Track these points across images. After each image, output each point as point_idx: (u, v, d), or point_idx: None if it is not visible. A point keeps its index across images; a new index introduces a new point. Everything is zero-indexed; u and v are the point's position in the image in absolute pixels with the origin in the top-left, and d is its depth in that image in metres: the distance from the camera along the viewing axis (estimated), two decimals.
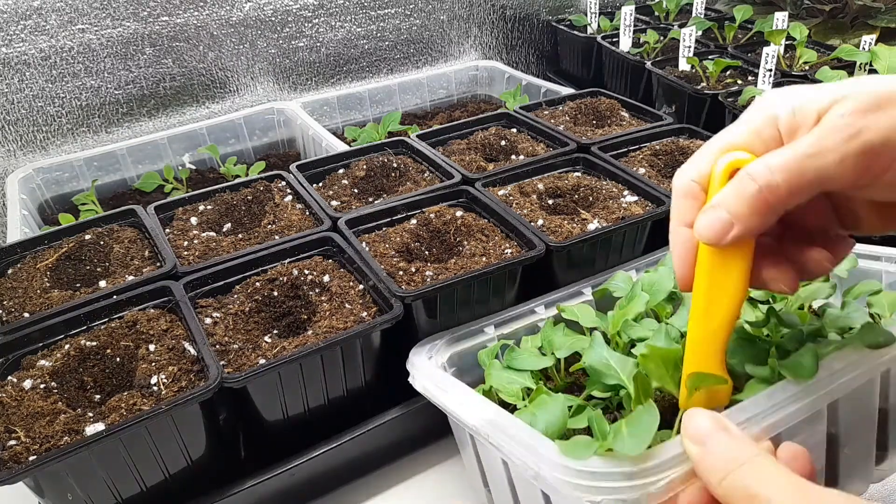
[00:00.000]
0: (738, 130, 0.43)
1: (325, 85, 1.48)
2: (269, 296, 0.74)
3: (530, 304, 0.73)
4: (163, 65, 1.28)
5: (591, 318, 0.66)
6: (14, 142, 1.20)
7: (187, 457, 0.64)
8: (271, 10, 1.34)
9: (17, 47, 1.14)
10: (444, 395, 0.59)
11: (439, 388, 0.60)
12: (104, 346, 0.67)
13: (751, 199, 0.40)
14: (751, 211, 0.40)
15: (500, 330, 0.71)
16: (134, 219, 0.88)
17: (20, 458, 0.55)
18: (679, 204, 0.45)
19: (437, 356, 0.67)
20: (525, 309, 0.73)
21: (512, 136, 1.06)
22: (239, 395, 0.65)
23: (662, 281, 0.65)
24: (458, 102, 1.56)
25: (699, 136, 1.02)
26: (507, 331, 0.71)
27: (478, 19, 1.62)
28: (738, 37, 1.52)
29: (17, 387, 0.63)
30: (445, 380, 0.61)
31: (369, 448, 0.72)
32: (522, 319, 0.72)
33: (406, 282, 0.73)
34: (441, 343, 0.69)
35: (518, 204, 0.86)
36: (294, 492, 0.69)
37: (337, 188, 0.94)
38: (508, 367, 0.61)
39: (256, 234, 0.84)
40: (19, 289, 0.76)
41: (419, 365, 0.65)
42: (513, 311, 0.73)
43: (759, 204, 0.39)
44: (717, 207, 0.41)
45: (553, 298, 0.74)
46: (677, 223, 0.45)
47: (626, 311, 0.62)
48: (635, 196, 0.88)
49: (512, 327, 0.71)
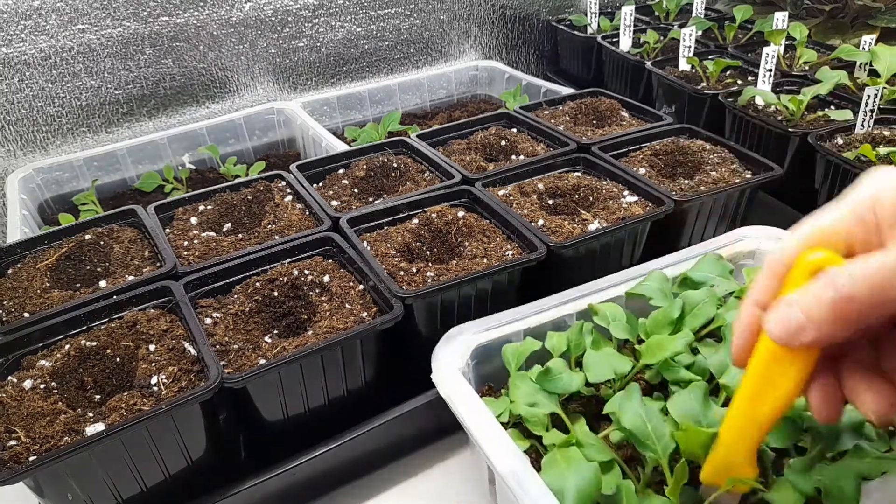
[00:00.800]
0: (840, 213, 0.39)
1: (325, 85, 1.48)
2: (269, 296, 0.74)
3: (557, 297, 0.70)
4: (163, 65, 1.28)
5: (622, 326, 0.65)
6: (14, 142, 1.20)
7: (187, 457, 0.64)
8: (271, 10, 1.34)
9: (18, 47, 1.14)
10: (470, 421, 0.56)
11: (464, 408, 0.58)
12: (104, 346, 0.67)
13: (829, 307, 0.36)
14: (829, 319, 0.36)
15: (527, 323, 0.68)
16: (134, 219, 0.88)
17: (20, 459, 0.55)
18: (764, 281, 0.41)
19: (461, 355, 0.64)
20: (552, 303, 0.70)
21: (512, 136, 1.06)
22: (239, 395, 0.65)
23: (704, 308, 0.64)
24: (458, 102, 1.56)
25: (699, 136, 1.02)
26: (533, 324, 0.68)
27: (478, 19, 1.61)
28: (738, 37, 1.52)
29: (17, 387, 0.63)
30: (471, 398, 0.58)
31: (370, 448, 0.72)
32: (549, 313, 0.69)
33: (407, 282, 0.73)
34: (465, 337, 0.66)
35: (518, 204, 0.86)
36: (294, 492, 0.69)
37: (337, 188, 0.94)
38: (538, 385, 0.60)
39: (256, 234, 0.84)
40: (19, 289, 0.76)
41: (444, 364, 0.62)
42: (539, 304, 0.70)
43: (838, 313, 0.35)
44: (793, 306, 0.37)
45: (581, 293, 0.71)
46: (753, 301, 0.42)
47: (664, 345, 0.60)
48: (635, 196, 0.88)
49: (539, 320, 0.68)
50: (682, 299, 0.65)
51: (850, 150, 0.98)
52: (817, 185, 1.01)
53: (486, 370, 0.67)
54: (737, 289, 0.69)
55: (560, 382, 0.60)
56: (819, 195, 1.01)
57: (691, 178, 0.93)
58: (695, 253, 0.76)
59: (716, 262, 0.71)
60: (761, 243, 0.78)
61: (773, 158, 0.94)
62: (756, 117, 1.09)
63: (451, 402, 0.59)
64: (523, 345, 0.64)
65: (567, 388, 0.59)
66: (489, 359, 0.67)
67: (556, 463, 0.52)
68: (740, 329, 0.42)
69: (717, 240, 0.79)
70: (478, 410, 0.57)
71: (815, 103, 1.15)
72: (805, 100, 1.08)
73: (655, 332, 0.64)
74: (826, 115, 1.09)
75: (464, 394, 0.58)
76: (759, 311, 0.41)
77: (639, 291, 0.69)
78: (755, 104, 1.14)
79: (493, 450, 0.53)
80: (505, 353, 0.64)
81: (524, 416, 0.58)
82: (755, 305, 0.42)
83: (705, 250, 0.75)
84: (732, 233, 0.79)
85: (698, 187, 0.89)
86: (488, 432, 0.55)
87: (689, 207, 0.87)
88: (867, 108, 1.01)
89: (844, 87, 1.18)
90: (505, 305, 0.77)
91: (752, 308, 0.42)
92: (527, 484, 0.50)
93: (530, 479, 0.50)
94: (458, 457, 0.75)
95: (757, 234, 0.79)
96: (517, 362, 0.62)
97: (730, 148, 0.98)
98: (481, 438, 0.54)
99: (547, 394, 0.59)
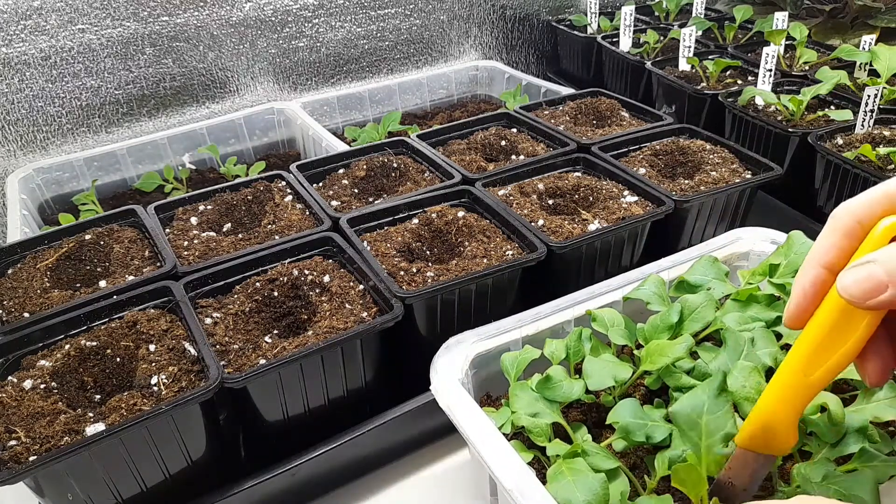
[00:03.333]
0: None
1: (325, 85, 1.48)
2: (269, 296, 0.74)
3: (555, 304, 0.70)
4: (163, 65, 1.28)
5: (621, 332, 0.64)
6: (14, 142, 1.20)
7: (187, 457, 0.64)
8: (271, 10, 1.34)
9: (18, 47, 1.14)
10: (473, 435, 0.56)
11: (466, 421, 0.57)
12: (104, 346, 0.67)
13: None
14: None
15: (525, 330, 0.68)
16: (134, 219, 0.88)
17: (20, 459, 0.55)
18: (830, 240, 0.40)
19: (460, 366, 0.63)
20: (550, 309, 0.70)
21: (512, 136, 1.06)
22: (239, 395, 0.65)
23: (703, 312, 0.64)
24: (458, 102, 1.56)
25: (699, 136, 1.02)
26: (531, 332, 0.68)
27: (478, 19, 1.61)
28: (738, 37, 1.52)
29: (17, 387, 0.63)
30: (472, 410, 0.58)
31: (369, 448, 0.72)
32: (547, 320, 0.69)
33: (407, 282, 0.73)
34: (464, 347, 0.65)
35: (518, 204, 0.86)
36: (294, 492, 0.69)
37: (337, 188, 0.94)
38: (538, 393, 0.59)
39: (256, 234, 0.84)
40: (19, 289, 0.76)
41: (443, 376, 0.62)
42: (537, 311, 0.70)
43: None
44: (875, 263, 0.37)
45: (579, 299, 0.71)
46: (818, 262, 0.41)
47: (664, 351, 0.60)
48: (635, 196, 0.88)
49: (537, 327, 0.68)
50: (680, 303, 0.65)
51: (850, 150, 0.98)
52: (817, 185, 1.01)
53: (485, 378, 0.67)
54: (733, 291, 0.69)
55: (560, 390, 0.59)
56: (819, 195, 1.01)
57: (691, 178, 0.93)
58: (691, 255, 0.76)
59: (712, 265, 0.71)
60: (756, 245, 0.78)
61: (773, 158, 0.94)
62: (756, 117, 1.09)
63: (452, 414, 0.58)
64: (522, 353, 0.63)
65: (568, 396, 0.59)
66: (488, 366, 0.66)
67: (561, 475, 0.52)
68: (803, 290, 0.41)
69: (713, 242, 0.79)
70: (480, 424, 0.56)
71: (815, 103, 1.15)
72: (805, 100, 1.08)
73: (654, 338, 0.64)
74: (826, 115, 1.09)
75: (465, 406, 0.58)
76: (825, 272, 0.40)
77: (636, 296, 0.69)
78: (755, 104, 1.14)
79: (497, 464, 0.53)
80: (504, 362, 0.63)
81: (527, 426, 0.57)
82: (821, 266, 0.41)
83: (701, 252, 0.75)
84: (727, 234, 0.79)
85: (698, 187, 0.89)
86: (492, 446, 0.54)
87: (689, 207, 0.87)
88: (867, 108, 1.01)
89: (844, 87, 1.18)
90: (505, 305, 0.77)
91: (818, 269, 0.41)
92: (533, 500, 0.49)
93: (537, 495, 0.50)
94: (457, 457, 0.75)
95: (751, 236, 0.79)
96: (517, 371, 0.62)
97: (730, 148, 0.98)
98: (485, 453, 0.54)
99: (548, 402, 0.59)
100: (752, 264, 0.79)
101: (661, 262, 0.75)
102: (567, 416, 0.63)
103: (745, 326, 0.64)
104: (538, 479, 0.51)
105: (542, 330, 0.68)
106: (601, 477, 0.51)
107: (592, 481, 0.50)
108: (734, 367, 0.56)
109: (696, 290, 0.69)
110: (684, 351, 0.59)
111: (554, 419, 0.58)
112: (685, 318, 0.65)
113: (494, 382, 0.67)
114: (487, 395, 0.68)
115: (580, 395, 0.59)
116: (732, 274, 0.75)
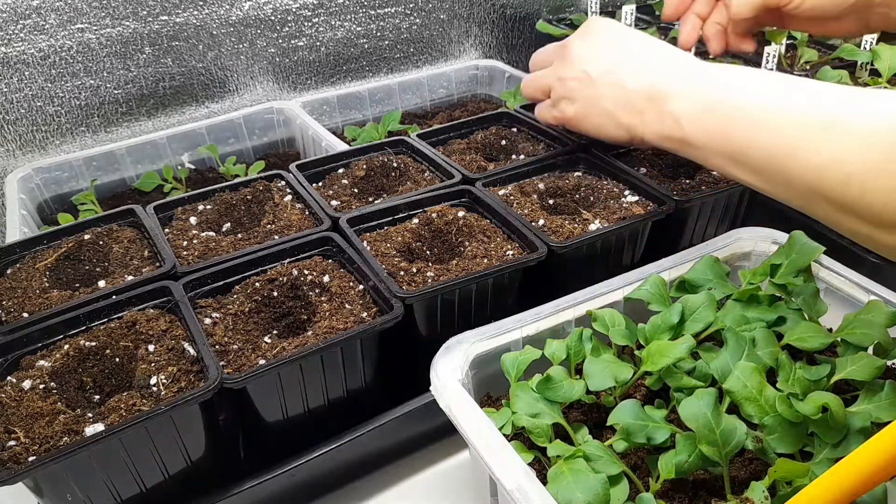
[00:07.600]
0: None
1: (324, 84, 1.47)
2: (268, 296, 0.74)
3: (556, 304, 0.70)
4: (162, 64, 1.28)
5: (622, 332, 0.64)
6: (13, 141, 1.20)
7: (187, 457, 0.64)
8: (271, 9, 1.34)
9: (17, 47, 1.14)
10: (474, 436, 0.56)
11: (467, 423, 0.57)
12: (103, 346, 0.67)
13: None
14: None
15: (526, 331, 0.68)
16: (133, 219, 0.88)
17: (20, 459, 0.55)
18: None
19: (460, 366, 0.63)
20: (551, 309, 0.69)
21: (512, 135, 1.06)
22: (239, 395, 0.65)
23: (703, 312, 0.64)
24: (458, 102, 1.55)
25: None
26: (532, 332, 0.68)
27: (478, 18, 1.61)
28: None
29: (16, 387, 0.62)
30: (473, 412, 0.57)
31: (370, 449, 0.72)
32: (548, 320, 0.69)
33: (407, 282, 0.73)
34: (464, 347, 0.65)
35: (519, 204, 0.86)
36: (294, 493, 0.69)
37: (337, 188, 0.94)
38: (539, 394, 0.59)
39: (256, 233, 0.84)
40: (18, 289, 0.76)
41: (443, 377, 0.61)
42: (538, 311, 0.69)
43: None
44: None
45: (580, 299, 0.71)
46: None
47: (665, 351, 0.60)
48: (636, 196, 0.87)
49: (537, 327, 0.68)
50: (681, 304, 0.65)
51: None
52: None
53: (486, 378, 0.67)
54: (734, 292, 0.69)
55: (561, 391, 0.59)
56: None
57: (692, 177, 0.93)
58: (692, 255, 0.76)
59: (713, 265, 0.71)
60: (757, 245, 0.78)
61: None
62: None
63: (452, 416, 0.58)
64: (523, 354, 0.63)
65: (568, 396, 0.59)
66: (488, 366, 0.66)
67: (562, 476, 0.52)
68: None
69: (714, 241, 0.78)
70: (481, 425, 0.56)
71: None
72: None
73: (655, 338, 0.63)
74: None
75: (466, 407, 0.58)
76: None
77: (637, 296, 0.69)
78: None
79: (498, 465, 0.53)
80: (504, 362, 0.63)
81: (527, 427, 0.57)
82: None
83: (702, 252, 0.75)
84: (729, 234, 0.79)
85: (700, 187, 0.88)
86: (493, 447, 0.54)
87: (691, 207, 0.87)
88: None
89: None
90: (505, 305, 0.77)
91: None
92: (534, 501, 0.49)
93: (537, 496, 0.50)
94: (458, 458, 0.75)
95: (752, 236, 0.78)
96: (517, 372, 0.62)
97: None
98: (486, 454, 0.54)
99: (548, 403, 0.59)
100: (754, 264, 0.79)
101: (662, 262, 0.75)
102: (568, 416, 0.63)
103: (746, 327, 0.64)
104: (539, 480, 0.51)
105: (543, 330, 0.68)
106: (602, 478, 0.51)
107: (593, 482, 0.50)
108: (735, 367, 0.56)
109: (696, 290, 0.69)
110: (685, 351, 0.59)
111: (554, 420, 0.58)
112: (686, 319, 0.65)
113: (495, 383, 0.67)
114: (488, 395, 0.68)
115: (581, 396, 0.59)
116: (733, 274, 0.75)
